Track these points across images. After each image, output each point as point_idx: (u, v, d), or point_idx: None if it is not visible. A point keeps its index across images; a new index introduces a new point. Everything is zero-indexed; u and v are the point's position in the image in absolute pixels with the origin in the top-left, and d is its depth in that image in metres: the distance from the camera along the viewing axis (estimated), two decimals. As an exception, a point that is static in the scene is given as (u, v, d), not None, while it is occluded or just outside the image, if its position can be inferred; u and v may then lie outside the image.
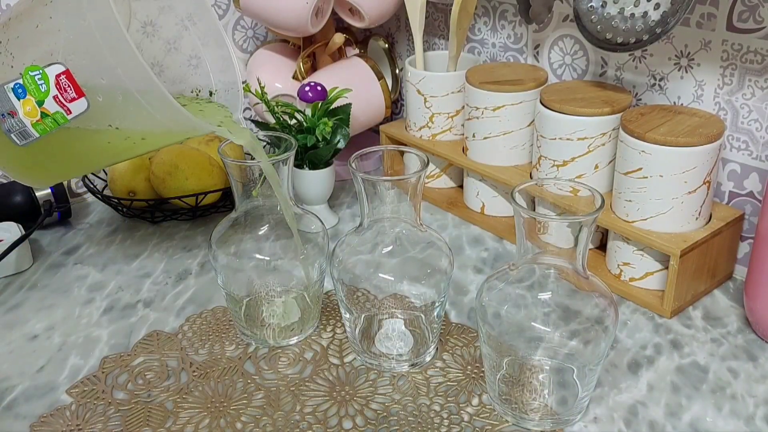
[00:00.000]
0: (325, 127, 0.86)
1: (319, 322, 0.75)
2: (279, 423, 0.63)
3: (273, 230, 0.71)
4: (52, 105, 0.67)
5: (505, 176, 0.88)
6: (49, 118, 0.67)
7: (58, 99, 0.66)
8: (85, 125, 0.68)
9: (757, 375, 0.68)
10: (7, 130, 0.69)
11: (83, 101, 0.66)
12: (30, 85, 0.66)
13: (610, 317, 0.59)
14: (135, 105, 0.65)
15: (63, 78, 0.66)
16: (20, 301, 0.80)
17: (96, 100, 0.66)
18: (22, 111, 0.68)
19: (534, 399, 0.62)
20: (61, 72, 0.66)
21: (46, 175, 0.77)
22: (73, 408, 0.65)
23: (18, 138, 0.69)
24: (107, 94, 0.66)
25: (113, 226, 0.95)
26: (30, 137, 0.69)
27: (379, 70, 1.04)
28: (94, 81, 0.65)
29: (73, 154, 0.72)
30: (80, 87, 0.66)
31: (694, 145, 0.71)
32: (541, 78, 0.88)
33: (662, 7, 0.71)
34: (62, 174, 0.79)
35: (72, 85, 0.65)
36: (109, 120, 0.67)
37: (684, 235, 0.74)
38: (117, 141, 0.69)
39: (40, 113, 0.67)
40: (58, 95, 0.66)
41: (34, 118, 0.67)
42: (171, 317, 0.77)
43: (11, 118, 0.68)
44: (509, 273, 0.61)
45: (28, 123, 0.68)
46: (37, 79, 0.66)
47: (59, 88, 0.66)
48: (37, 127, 0.68)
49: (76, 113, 0.67)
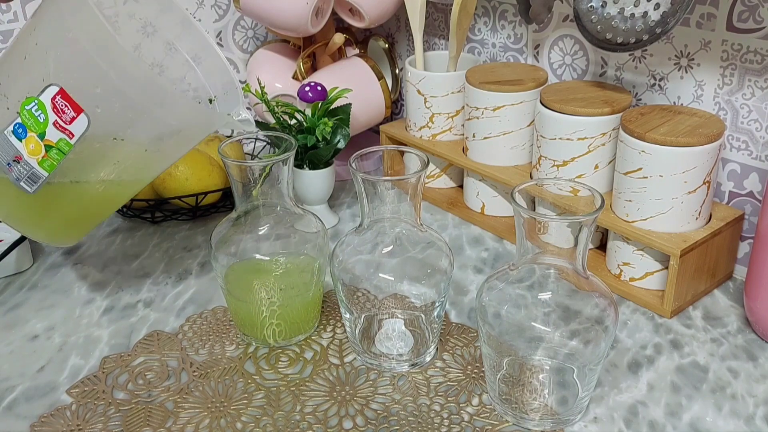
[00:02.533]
0: (325, 127, 0.86)
1: (319, 322, 0.75)
2: (279, 423, 0.63)
3: (273, 230, 0.71)
4: (54, 133, 0.65)
5: (505, 176, 0.88)
6: (53, 150, 0.66)
7: (58, 124, 0.65)
8: (90, 147, 0.66)
9: (757, 375, 0.68)
10: (16, 179, 0.68)
11: (83, 118, 0.65)
12: (28, 120, 0.66)
13: (610, 317, 0.59)
14: (135, 106, 0.64)
15: (59, 99, 0.65)
16: (20, 301, 0.80)
17: (95, 112, 0.65)
18: (26, 151, 0.66)
19: (534, 399, 0.62)
20: (55, 93, 0.65)
21: (68, 225, 0.74)
22: (74, 408, 0.65)
23: (28, 185, 0.67)
24: (104, 102, 0.65)
25: (113, 226, 0.95)
26: (40, 179, 0.67)
27: (379, 70, 1.04)
28: (89, 93, 0.64)
29: (86, 189, 0.70)
30: (77, 103, 0.64)
31: (694, 145, 0.71)
32: (541, 78, 0.88)
33: (662, 7, 0.71)
34: (84, 220, 0.75)
35: (68, 103, 0.64)
36: (112, 131, 0.66)
37: (684, 235, 0.74)
38: (127, 156, 0.67)
39: (44, 147, 0.66)
40: (57, 120, 0.65)
41: (39, 155, 0.66)
42: (171, 317, 0.77)
43: (17, 164, 0.67)
44: (509, 273, 0.61)
45: (34, 163, 0.66)
46: (34, 111, 0.65)
47: (57, 111, 0.65)
48: (44, 164, 0.66)
49: (78, 134, 0.65)
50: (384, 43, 1.13)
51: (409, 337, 0.70)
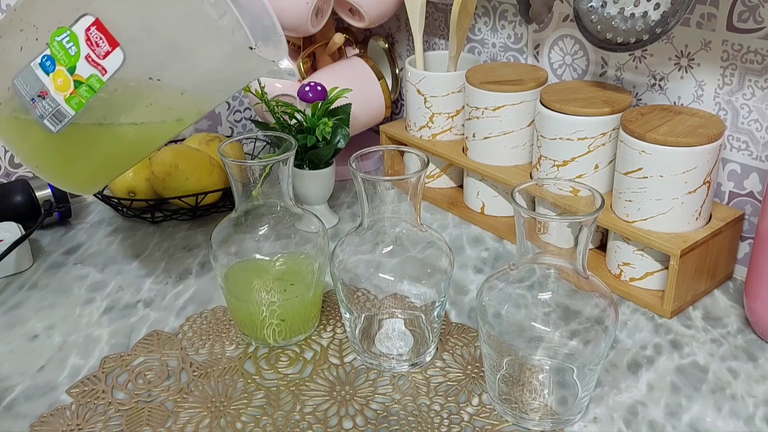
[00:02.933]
0: (325, 127, 0.86)
1: (319, 322, 0.75)
2: (279, 423, 0.63)
3: (273, 230, 0.71)
4: (85, 68, 0.60)
5: (505, 176, 0.88)
6: (83, 86, 0.60)
7: (91, 58, 0.59)
8: (124, 86, 0.60)
9: (757, 375, 0.68)
10: (39, 116, 0.62)
11: (118, 53, 0.59)
12: (58, 52, 0.60)
13: (610, 317, 0.59)
14: (175, 42, 0.58)
15: (93, 30, 0.58)
16: (20, 301, 0.80)
17: (131, 47, 0.58)
18: (53, 86, 0.61)
19: (534, 399, 0.62)
20: (90, 24, 0.58)
21: (93, 171, 0.70)
22: (73, 408, 0.65)
23: (52, 123, 0.62)
24: (143, 36, 0.59)
25: (113, 226, 0.95)
26: (65, 118, 0.61)
27: (379, 70, 1.04)
28: (127, 25, 0.58)
29: (115, 133, 0.64)
30: (113, 36, 0.58)
31: (694, 145, 0.71)
32: (541, 78, 0.88)
33: (662, 7, 0.71)
34: (103, 168, 0.70)
35: (104, 35, 0.58)
36: (149, 70, 0.60)
37: (684, 235, 0.74)
38: (161, 98, 0.62)
39: (73, 83, 0.60)
40: (90, 53, 0.59)
41: (67, 91, 0.60)
42: (171, 317, 0.77)
43: (42, 100, 0.61)
44: (509, 273, 0.61)
45: (61, 100, 0.61)
46: (65, 43, 0.59)
47: (90, 44, 0.59)
48: (71, 101, 0.61)
49: (112, 71, 0.59)
50: (384, 43, 1.13)
51: (409, 337, 0.70)
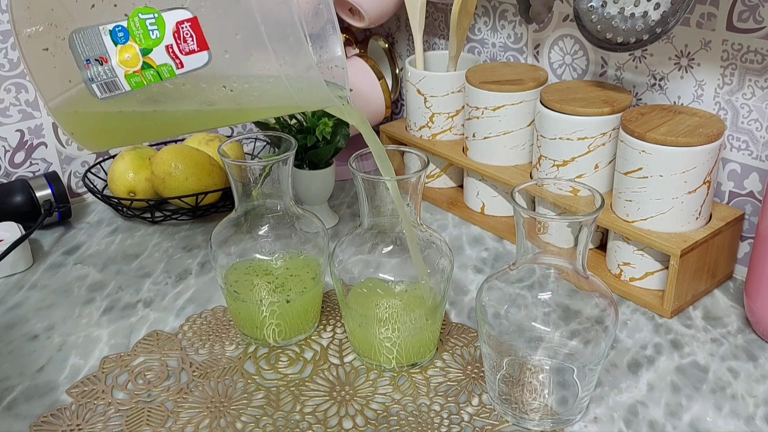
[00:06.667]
0: (325, 127, 0.86)
1: (319, 322, 0.75)
2: (279, 423, 0.63)
3: (273, 230, 0.71)
4: (161, 56, 0.55)
5: (505, 176, 0.88)
6: (151, 71, 0.56)
7: (172, 49, 0.55)
8: (193, 83, 0.57)
9: (757, 375, 0.67)
10: (89, 78, 0.57)
11: (203, 55, 0.55)
12: (137, 29, 0.55)
13: (610, 317, 0.59)
14: (266, 66, 0.54)
15: (186, 26, 0.54)
16: (20, 301, 0.80)
17: (221, 56, 0.55)
18: (117, 58, 0.56)
19: (534, 399, 0.62)
20: (185, 19, 0.54)
21: (111, 135, 0.66)
22: (73, 408, 0.65)
23: (99, 90, 0.58)
24: (237, 50, 0.55)
25: (113, 226, 0.95)
26: (117, 90, 0.57)
27: (379, 70, 1.04)
28: (226, 36, 0.55)
29: (158, 113, 0.61)
30: (206, 39, 0.54)
31: (694, 145, 0.71)
32: (541, 78, 0.88)
33: (662, 7, 0.71)
34: (132, 136, 0.68)
35: (196, 35, 0.54)
36: (225, 80, 0.57)
37: (684, 234, 0.74)
38: (219, 103, 0.59)
39: (142, 63, 0.56)
40: (172, 45, 0.55)
41: (131, 69, 0.56)
42: (171, 317, 0.77)
43: (98, 65, 0.56)
44: (509, 273, 0.61)
45: (120, 73, 0.56)
46: (148, 24, 0.55)
47: (177, 38, 0.54)
48: (131, 79, 0.56)
49: (188, 68, 0.56)
50: (384, 43, 1.13)
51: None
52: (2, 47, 0.93)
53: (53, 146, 1.00)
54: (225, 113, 0.62)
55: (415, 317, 0.66)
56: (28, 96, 0.96)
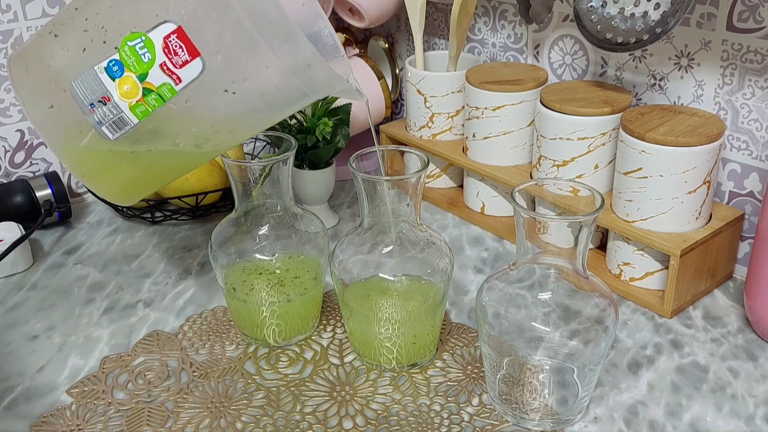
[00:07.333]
0: (325, 127, 0.86)
1: (319, 322, 0.75)
2: (279, 423, 0.63)
3: (273, 230, 0.71)
4: (158, 76, 0.56)
5: (505, 176, 0.88)
6: (152, 95, 0.56)
7: (166, 66, 0.55)
8: (195, 97, 0.57)
9: (757, 375, 0.68)
10: (98, 122, 0.58)
11: (197, 63, 0.55)
12: (129, 58, 0.55)
13: (610, 317, 0.59)
14: (261, 58, 0.54)
15: (174, 38, 0.54)
16: (20, 301, 0.80)
17: (213, 58, 0.54)
18: (118, 93, 0.56)
19: (534, 399, 0.62)
20: (171, 31, 0.54)
21: (134, 183, 0.66)
22: (73, 408, 0.65)
23: (110, 131, 0.58)
24: (228, 49, 0.54)
25: (113, 226, 0.95)
26: (126, 126, 0.57)
27: (379, 70, 1.04)
28: (211, 35, 0.54)
29: (171, 151, 0.60)
30: (195, 45, 0.54)
31: (694, 145, 0.71)
32: (541, 78, 0.88)
33: (662, 7, 0.71)
34: (153, 179, 0.67)
35: (185, 44, 0.54)
36: (225, 83, 0.56)
37: (684, 234, 0.74)
38: (226, 112, 0.59)
39: (142, 90, 0.56)
40: (165, 62, 0.55)
41: (134, 99, 0.56)
42: (171, 317, 0.77)
43: (103, 106, 0.57)
44: (509, 273, 0.61)
45: (125, 107, 0.57)
46: (138, 49, 0.55)
47: (168, 53, 0.55)
48: (136, 110, 0.57)
49: (187, 80, 0.56)
50: (384, 43, 1.13)
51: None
52: (2, 47, 0.93)
53: (53, 146, 1.00)
54: (235, 125, 0.60)
55: (415, 317, 0.66)
56: (28, 96, 0.96)
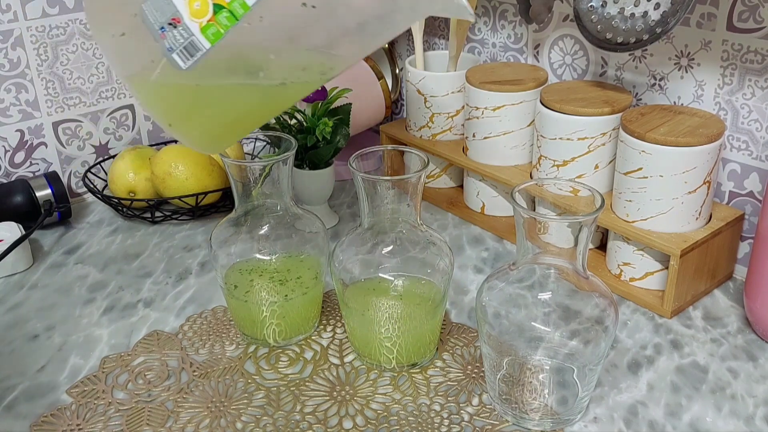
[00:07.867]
0: (325, 127, 0.86)
1: (319, 322, 0.75)
2: (279, 423, 0.63)
3: (273, 230, 0.71)
4: None
5: (505, 176, 0.88)
6: (223, 12, 0.52)
7: None
8: (270, 14, 0.53)
9: (757, 375, 0.68)
10: (169, 48, 0.54)
11: None
12: None
13: (610, 317, 0.59)
14: None
15: None
16: (20, 301, 0.80)
17: None
18: (188, 12, 0.53)
19: (534, 399, 0.62)
20: None
21: (212, 123, 0.62)
22: (74, 408, 0.65)
23: (182, 58, 0.54)
24: None
25: (113, 226, 0.95)
26: (198, 52, 0.54)
27: (379, 70, 1.04)
28: None
29: (247, 87, 0.57)
30: None
31: (694, 145, 0.71)
32: (541, 78, 0.88)
33: (662, 7, 0.71)
34: (235, 123, 0.63)
35: None
36: None
37: (684, 235, 0.74)
38: (299, 34, 0.54)
39: (212, 7, 0.52)
40: None
41: (204, 18, 0.53)
42: (171, 317, 0.77)
43: (173, 29, 0.54)
44: (509, 273, 0.61)
45: (195, 29, 0.53)
46: None
47: None
48: (207, 31, 0.53)
49: None
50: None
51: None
52: (2, 47, 0.93)
53: (53, 146, 1.00)
54: (318, 55, 0.55)
55: (415, 317, 0.66)
56: (28, 96, 0.96)
